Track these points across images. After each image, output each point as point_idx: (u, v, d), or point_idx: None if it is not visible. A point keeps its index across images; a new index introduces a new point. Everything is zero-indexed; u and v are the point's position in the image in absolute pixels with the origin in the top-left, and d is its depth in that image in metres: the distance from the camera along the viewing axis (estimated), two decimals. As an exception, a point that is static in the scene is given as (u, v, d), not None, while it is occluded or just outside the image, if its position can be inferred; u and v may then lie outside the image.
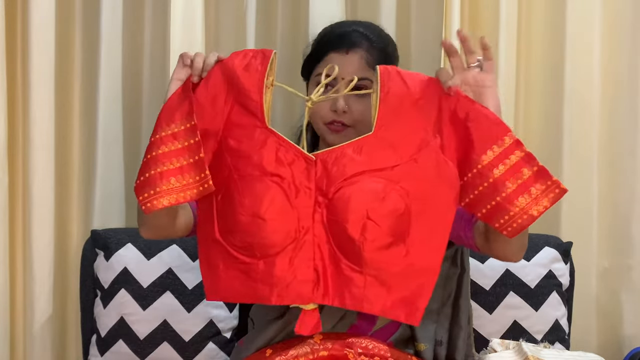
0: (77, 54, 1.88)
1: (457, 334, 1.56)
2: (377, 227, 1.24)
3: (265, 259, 1.28)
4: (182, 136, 1.27)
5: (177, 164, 1.26)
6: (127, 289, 1.74)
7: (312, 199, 1.27)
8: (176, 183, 1.26)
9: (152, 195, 1.25)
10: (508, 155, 1.23)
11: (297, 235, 1.27)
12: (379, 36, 1.57)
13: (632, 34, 1.97)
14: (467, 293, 1.59)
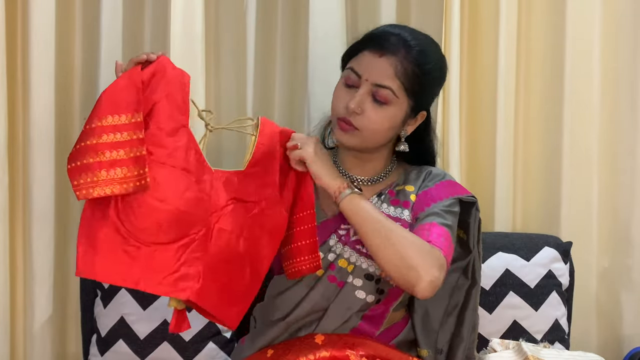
0: (77, 54, 1.88)
1: (458, 344, 1.56)
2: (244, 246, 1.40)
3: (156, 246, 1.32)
4: (125, 129, 1.31)
5: (116, 156, 1.29)
6: (127, 289, 1.74)
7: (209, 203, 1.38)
8: (114, 175, 1.29)
9: (88, 183, 1.28)
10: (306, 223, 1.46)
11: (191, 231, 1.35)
12: (424, 52, 1.47)
13: (632, 34, 1.97)
14: (475, 305, 1.58)
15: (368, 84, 1.44)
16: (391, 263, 1.38)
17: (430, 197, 1.50)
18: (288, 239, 1.46)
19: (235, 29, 1.91)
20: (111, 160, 1.29)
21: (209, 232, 1.36)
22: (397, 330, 1.55)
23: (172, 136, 1.35)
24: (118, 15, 1.87)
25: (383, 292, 1.50)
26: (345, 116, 1.45)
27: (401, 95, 1.44)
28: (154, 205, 1.30)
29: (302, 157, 1.43)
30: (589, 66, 1.97)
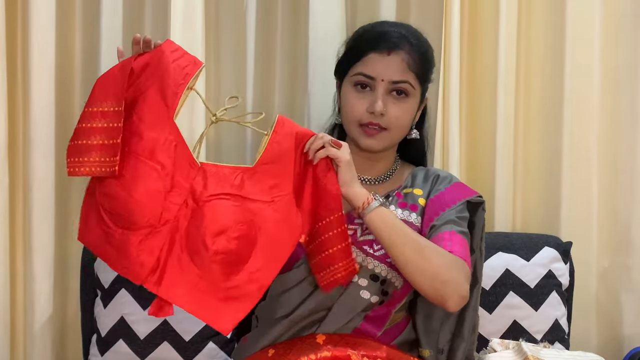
0: (77, 54, 1.88)
1: (458, 345, 1.56)
2: (228, 244, 1.34)
3: (123, 230, 1.35)
4: (109, 117, 1.36)
5: (100, 141, 1.35)
6: (127, 288, 1.74)
7: (182, 199, 1.37)
8: (95, 157, 1.36)
9: (77, 162, 1.36)
10: (336, 227, 1.40)
11: (155, 223, 1.35)
12: (419, 39, 1.54)
13: (632, 34, 1.97)
14: (476, 304, 1.59)
15: (384, 84, 1.48)
16: (424, 276, 1.39)
17: (444, 202, 1.52)
18: (317, 248, 1.41)
19: (235, 29, 1.91)
20: (94, 145, 1.35)
21: (176, 225, 1.36)
22: (398, 331, 1.55)
23: (152, 129, 1.36)
24: (118, 15, 1.87)
25: (387, 293, 1.50)
26: (371, 120, 1.48)
27: (416, 85, 1.51)
28: (121, 194, 1.34)
29: (338, 158, 1.40)
30: (589, 66, 1.97)
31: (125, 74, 1.36)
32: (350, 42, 1.58)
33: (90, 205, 1.41)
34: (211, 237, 1.34)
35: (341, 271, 1.40)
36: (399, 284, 1.50)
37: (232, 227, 1.35)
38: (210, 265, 1.34)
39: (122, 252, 1.36)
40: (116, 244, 1.36)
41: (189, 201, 1.37)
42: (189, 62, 1.40)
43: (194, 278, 1.35)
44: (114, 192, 1.35)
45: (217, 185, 1.39)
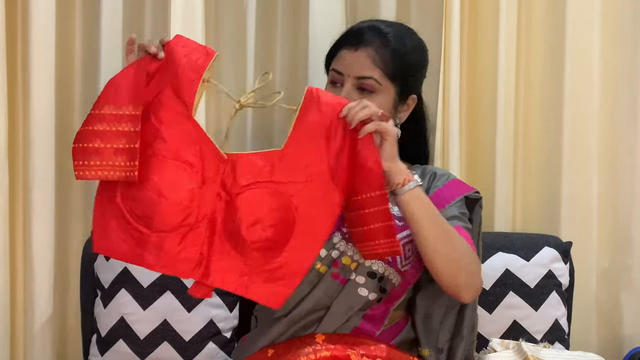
0: (77, 54, 1.88)
1: (458, 344, 1.56)
2: (264, 232, 1.33)
3: (159, 233, 1.34)
4: (125, 121, 1.34)
5: (114, 145, 1.34)
6: (127, 289, 1.74)
7: (214, 192, 1.36)
8: (108, 161, 1.34)
9: (84, 165, 1.34)
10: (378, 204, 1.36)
11: (193, 220, 1.34)
12: (399, 37, 1.51)
13: (632, 34, 1.97)
14: (475, 303, 1.59)
15: (351, 79, 1.48)
16: (446, 264, 1.39)
17: (443, 199, 1.52)
18: (359, 219, 1.38)
19: (235, 29, 1.91)
20: (107, 149, 1.33)
21: (213, 219, 1.35)
22: (397, 330, 1.55)
23: (174, 129, 1.35)
24: (118, 15, 1.87)
25: (385, 291, 1.50)
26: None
27: (384, 82, 1.49)
28: (152, 197, 1.32)
29: (386, 132, 1.34)
30: (589, 66, 1.97)
31: (142, 77, 1.35)
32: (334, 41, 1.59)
33: (109, 213, 1.36)
34: (246, 229, 1.33)
35: (384, 247, 1.38)
36: (396, 281, 1.50)
37: (266, 217, 1.34)
38: (250, 253, 1.34)
39: (161, 254, 1.34)
40: (152, 248, 1.34)
41: (222, 194, 1.36)
42: (201, 54, 1.37)
43: (239, 264, 1.35)
44: (145, 196, 1.33)
45: (247, 175, 1.36)
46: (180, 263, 1.35)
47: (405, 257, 1.50)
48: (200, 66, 1.36)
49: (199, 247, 1.35)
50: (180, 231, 1.34)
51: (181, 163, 1.34)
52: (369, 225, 1.37)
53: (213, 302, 1.75)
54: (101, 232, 1.38)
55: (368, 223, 1.37)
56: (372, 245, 1.38)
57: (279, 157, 1.37)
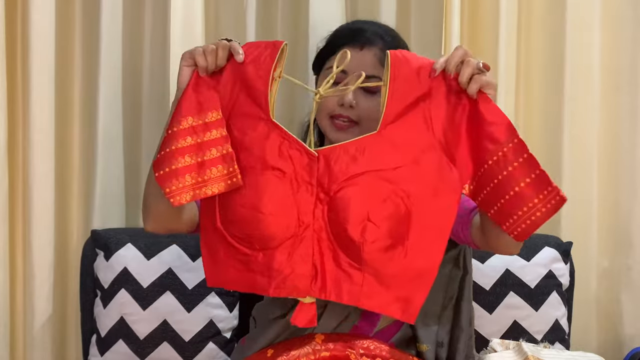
0: (77, 54, 1.88)
1: (458, 336, 1.56)
2: (377, 229, 1.22)
3: (265, 251, 1.27)
4: (211, 128, 1.26)
5: (204, 157, 1.25)
6: (127, 289, 1.74)
7: (313, 196, 1.25)
8: (203, 176, 1.24)
9: (178, 189, 1.24)
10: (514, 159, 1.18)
11: (296, 231, 1.26)
12: (394, 38, 1.56)
13: (632, 34, 1.97)
14: (469, 295, 1.59)
15: (355, 76, 1.46)
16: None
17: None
18: (493, 194, 1.18)
19: (235, 29, 1.91)
20: (197, 163, 1.25)
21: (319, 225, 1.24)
22: (395, 329, 1.54)
23: (256, 137, 1.26)
24: (118, 15, 1.87)
25: None
26: (341, 113, 1.48)
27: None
28: (249, 214, 1.25)
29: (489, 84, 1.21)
30: (589, 65, 1.97)
31: (210, 83, 1.28)
32: (329, 38, 1.60)
33: (214, 241, 1.30)
34: (355, 228, 1.21)
35: (540, 208, 1.16)
36: None
37: (374, 210, 1.22)
38: (366, 256, 1.22)
39: (273, 274, 1.25)
40: (263, 270, 1.26)
41: (320, 195, 1.24)
42: (266, 49, 1.29)
43: (356, 272, 1.24)
44: (241, 215, 1.26)
45: (343, 169, 1.24)
46: (296, 280, 1.25)
47: None
48: (268, 64, 1.28)
49: (310, 259, 1.25)
50: (285, 245, 1.25)
51: (271, 171, 1.25)
52: (511, 191, 1.16)
53: (213, 302, 1.75)
54: (212, 265, 1.31)
55: (509, 189, 1.16)
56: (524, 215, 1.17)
57: (376, 141, 1.24)
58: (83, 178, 1.89)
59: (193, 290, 1.74)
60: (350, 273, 1.25)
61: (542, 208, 1.16)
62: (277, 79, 1.31)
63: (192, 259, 1.76)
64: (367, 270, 1.25)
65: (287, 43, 1.30)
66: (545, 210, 1.16)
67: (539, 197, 1.16)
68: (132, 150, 1.91)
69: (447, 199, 1.23)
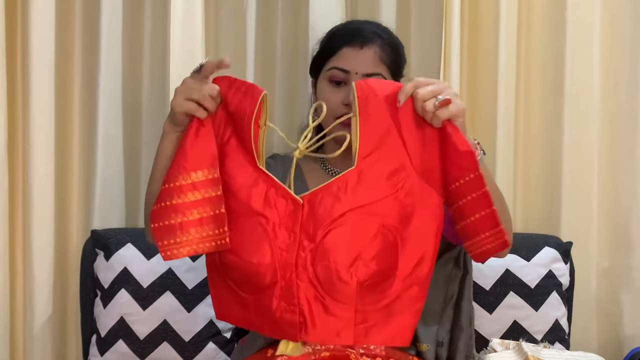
0: (77, 54, 1.87)
1: (458, 335, 1.56)
2: (368, 267, 1.22)
3: (254, 296, 1.29)
4: (203, 187, 1.27)
5: (197, 215, 1.26)
6: (127, 289, 1.74)
7: (296, 243, 1.25)
8: (195, 234, 1.27)
9: (172, 244, 1.26)
10: (472, 191, 1.21)
11: (279, 279, 1.26)
12: (390, 35, 1.59)
13: (632, 34, 1.97)
14: (470, 295, 1.59)
15: (359, 76, 1.50)
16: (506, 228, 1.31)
17: None
18: (458, 214, 1.23)
19: (235, 29, 1.91)
20: (190, 222, 1.26)
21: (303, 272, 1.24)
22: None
23: (243, 182, 1.28)
24: (118, 15, 1.87)
25: None
26: (346, 112, 1.46)
27: (389, 78, 1.54)
28: (238, 262, 1.27)
29: (458, 114, 1.23)
30: (589, 66, 1.97)
31: (210, 136, 1.27)
32: (325, 40, 1.60)
33: (218, 279, 1.32)
34: (346, 270, 1.21)
35: (490, 242, 1.21)
36: None
37: (364, 249, 1.22)
38: (358, 295, 1.22)
39: (265, 318, 1.28)
40: (255, 310, 1.29)
41: (304, 243, 1.24)
42: (246, 96, 1.27)
43: (349, 314, 1.24)
44: (228, 260, 1.28)
45: (328, 210, 1.23)
46: (285, 326, 1.26)
47: None
48: (250, 112, 1.27)
49: (296, 306, 1.25)
50: (269, 293, 1.25)
51: (254, 217, 1.26)
52: (469, 217, 1.21)
53: (213, 302, 1.75)
54: (218, 300, 1.34)
55: (468, 215, 1.21)
56: (478, 242, 1.23)
57: (356, 176, 1.25)
58: (83, 178, 1.89)
59: (193, 290, 1.74)
60: (341, 315, 1.25)
61: (490, 243, 1.22)
62: (262, 127, 1.30)
63: (192, 259, 1.76)
64: (362, 310, 1.25)
65: (266, 93, 1.29)
66: (492, 247, 1.22)
67: (487, 233, 1.21)
68: (132, 151, 1.91)
69: (429, 224, 1.25)
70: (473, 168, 1.20)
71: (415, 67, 1.86)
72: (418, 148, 1.24)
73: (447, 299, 1.57)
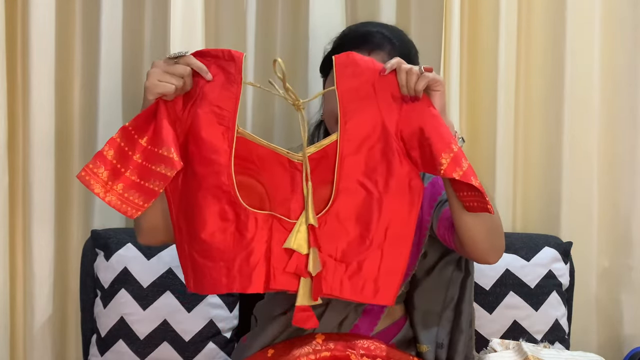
0: (77, 54, 1.88)
1: (458, 337, 1.56)
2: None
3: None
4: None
5: (131, 177, 1.25)
6: (127, 289, 1.74)
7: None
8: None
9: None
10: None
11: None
12: (402, 41, 1.54)
13: (632, 34, 1.97)
14: (471, 297, 1.59)
15: None
16: (483, 227, 1.37)
17: (439, 186, 1.52)
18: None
19: (235, 29, 1.91)
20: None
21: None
22: (396, 329, 1.55)
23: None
24: (118, 16, 1.88)
25: None
26: None
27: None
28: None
29: (437, 82, 1.27)
30: (589, 66, 1.97)
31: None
32: (337, 41, 1.58)
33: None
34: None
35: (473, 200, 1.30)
36: None
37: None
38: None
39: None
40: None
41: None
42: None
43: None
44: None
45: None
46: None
47: None
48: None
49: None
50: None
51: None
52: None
53: (213, 302, 1.75)
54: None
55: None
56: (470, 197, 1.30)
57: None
58: (82, 179, 1.88)
59: (193, 290, 1.74)
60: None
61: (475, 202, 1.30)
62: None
63: (192, 259, 1.76)
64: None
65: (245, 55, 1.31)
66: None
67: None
68: (132, 150, 1.91)
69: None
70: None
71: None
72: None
73: (447, 301, 1.57)
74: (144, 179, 1.25)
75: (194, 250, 1.29)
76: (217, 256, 1.27)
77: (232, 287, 1.28)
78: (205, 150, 1.28)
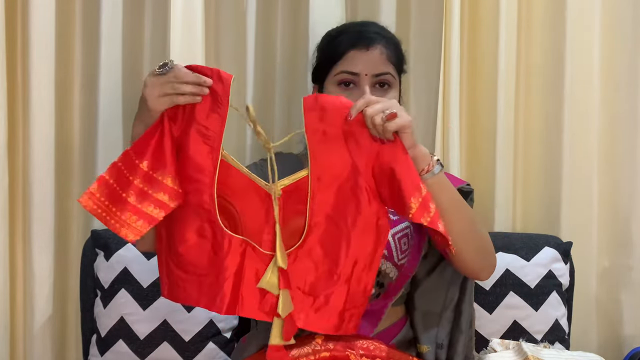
0: (77, 54, 1.88)
1: (458, 338, 1.56)
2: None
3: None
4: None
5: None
6: (127, 289, 1.74)
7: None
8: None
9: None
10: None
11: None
12: (391, 34, 1.60)
13: (632, 34, 1.97)
14: (471, 298, 1.59)
15: (368, 78, 1.50)
16: (470, 246, 1.42)
17: None
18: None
19: (235, 29, 1.91)
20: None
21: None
22: (396, 330, 1.55)
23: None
24: (118, 16, 1.87)
25: (383, 285, 1.50)
26: None
27: (396, 75, 1.55)
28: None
29: (404, 125, 1.29)
30: (589, 66, 1.97)
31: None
32: (325, 45, 1.59)
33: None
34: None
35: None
36: (393, 275, 1.50)
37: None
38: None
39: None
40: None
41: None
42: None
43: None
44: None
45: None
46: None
47: (402, 250, 1.50)
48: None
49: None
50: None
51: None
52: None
53: (213, 302, 1.75)
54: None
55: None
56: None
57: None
58: (83, 178, 1.89)
59: (193, 290, 1.74)
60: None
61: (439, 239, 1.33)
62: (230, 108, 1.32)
63: (192, 259, 1.76)
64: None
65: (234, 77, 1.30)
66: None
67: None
68: (132, 150, 1.91)
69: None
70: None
71: (415, 66, 1.85)
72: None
73: (447, 302, 1.57)
74: (144, 204, 1.27)
75: (171, 260, 1.32)
76: (191, 270, 1.31)
77: (199, 302, 1.33)
78: (190, 168, 1.30)
